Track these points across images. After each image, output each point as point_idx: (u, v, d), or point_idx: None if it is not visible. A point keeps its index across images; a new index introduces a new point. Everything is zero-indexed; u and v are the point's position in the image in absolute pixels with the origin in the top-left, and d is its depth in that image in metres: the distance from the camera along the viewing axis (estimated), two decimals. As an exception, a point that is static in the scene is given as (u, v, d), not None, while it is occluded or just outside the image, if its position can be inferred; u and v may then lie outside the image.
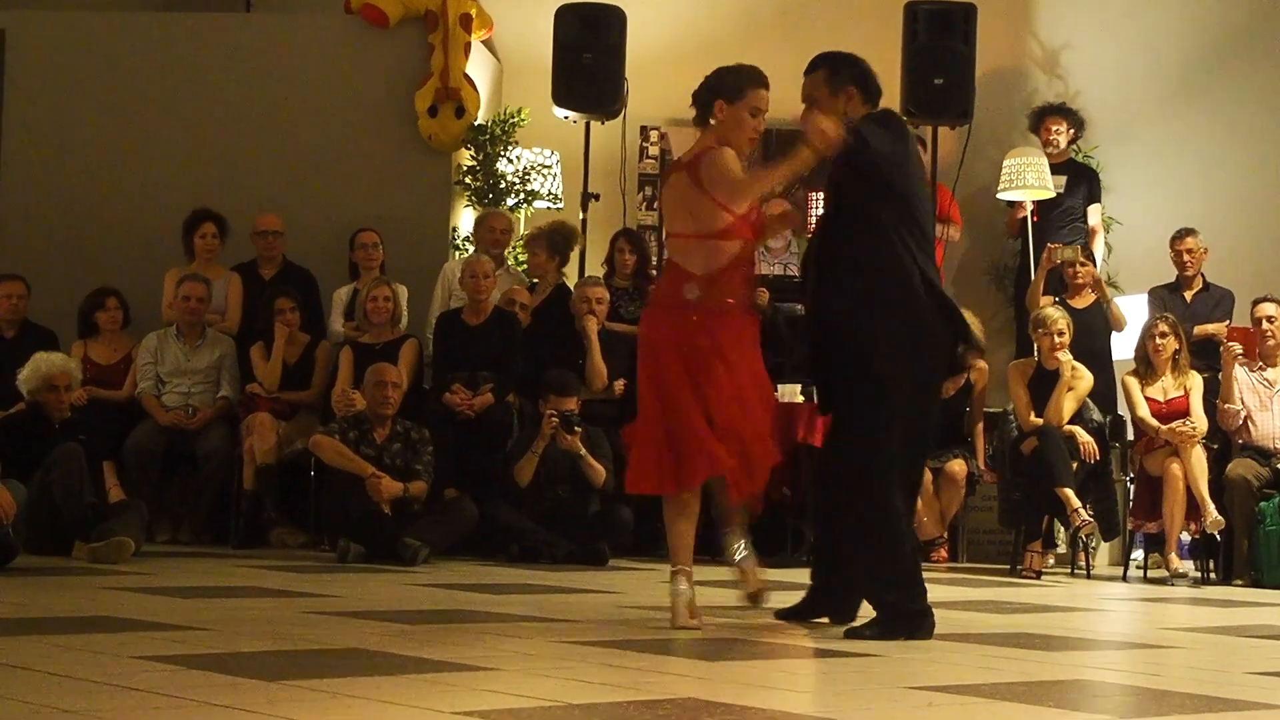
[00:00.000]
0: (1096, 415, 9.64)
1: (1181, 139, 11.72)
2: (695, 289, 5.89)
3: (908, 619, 5.80)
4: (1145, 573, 9.71)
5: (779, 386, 9.42)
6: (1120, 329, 10.30)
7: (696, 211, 5.92)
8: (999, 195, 11.09)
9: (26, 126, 11.33)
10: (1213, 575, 9.41)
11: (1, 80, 11.35)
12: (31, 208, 11.27)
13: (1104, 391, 9.89)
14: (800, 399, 9.46)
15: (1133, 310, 10.46)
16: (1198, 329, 10.14)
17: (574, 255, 10.69)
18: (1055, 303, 10.02)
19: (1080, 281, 10.23)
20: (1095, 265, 10.58)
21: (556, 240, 10.30)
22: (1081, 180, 11.23)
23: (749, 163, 6.10)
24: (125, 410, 9.92)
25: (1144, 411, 9.55)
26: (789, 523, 9.58)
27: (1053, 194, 10.90)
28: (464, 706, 3.97)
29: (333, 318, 10.44)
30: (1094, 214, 11.19)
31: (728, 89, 5.93)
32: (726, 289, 5.93)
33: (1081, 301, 10.18)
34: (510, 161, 11.21)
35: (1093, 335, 9.98)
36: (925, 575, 5.97)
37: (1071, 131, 11.36)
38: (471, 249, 10.73)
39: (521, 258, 10.88)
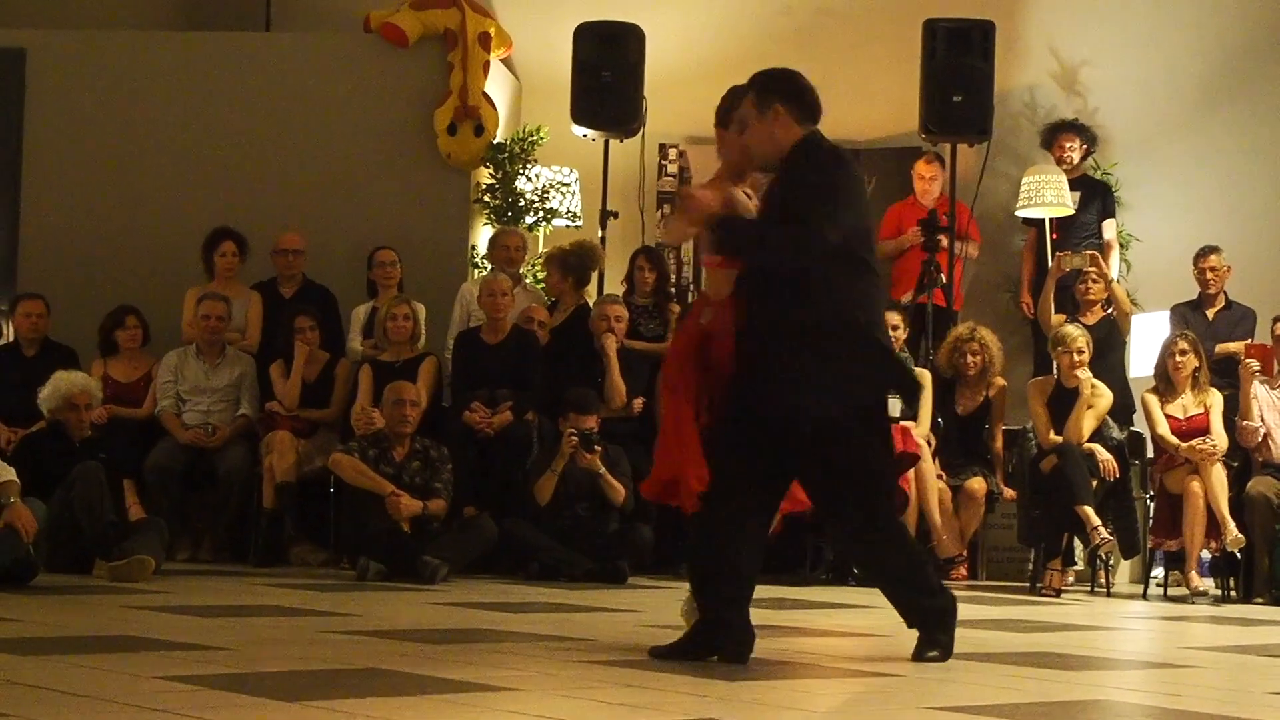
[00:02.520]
0: (1116, 433, 9.63)
1: (1201, 155, 11.68)
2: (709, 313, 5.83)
3: (948, 619, 5.67)
4: (1165, 591, 9.68)
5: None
6: (1126, 310, 10.32)
7: None
8: (1018, 212, 11.09)
9: (47, 145, 11.38)
10: (1233, 593, 9.37)
11: (23, 99, 11.40)
12: (52, 226, 11.31)
13: (1119, 403, 9.86)
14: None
15: (1154, 327, 10.44)
16: (1219, 347, 10.10)
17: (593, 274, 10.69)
18: (1067, 321, 9.99)
19: (1092, 298, 10.20)
20: (1108, 275, 10.50)
21: (570, 261, 10.26)
22: (1095, 195, 11.21)
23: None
24: (145, 428, 9.96)
25: (1164, 429, 9.52)
26: (808, 540, 9.55)
27: (1071, 211, 10.90)
28: (484, 727, 3.98)
29: (351, 336, 10.45)
30: (1108, 228, 11.17)
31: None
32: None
33: (1092, 318, 10.16)
34: (529, 179, 11.23)
35: (1103, 350, 9.95)
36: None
37: (1084, 147, 11.34)
38: (490, 267, 10.74)
39: (540, 276, 10.89)
